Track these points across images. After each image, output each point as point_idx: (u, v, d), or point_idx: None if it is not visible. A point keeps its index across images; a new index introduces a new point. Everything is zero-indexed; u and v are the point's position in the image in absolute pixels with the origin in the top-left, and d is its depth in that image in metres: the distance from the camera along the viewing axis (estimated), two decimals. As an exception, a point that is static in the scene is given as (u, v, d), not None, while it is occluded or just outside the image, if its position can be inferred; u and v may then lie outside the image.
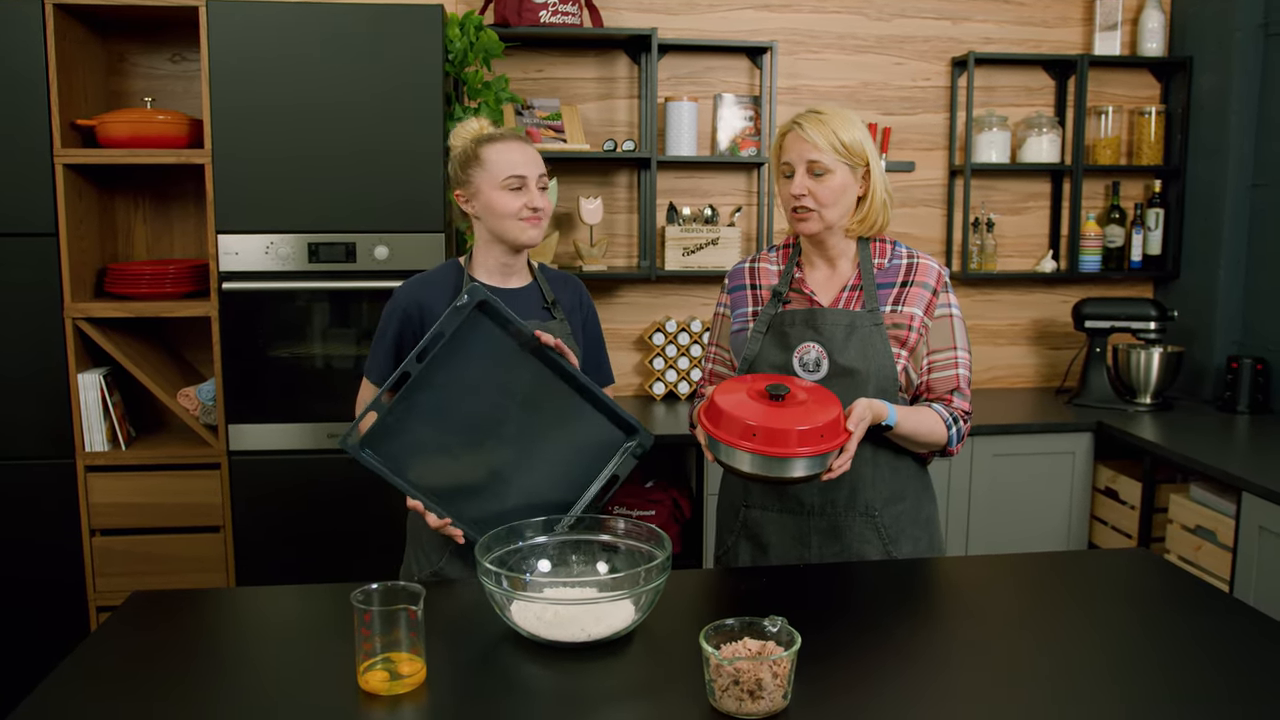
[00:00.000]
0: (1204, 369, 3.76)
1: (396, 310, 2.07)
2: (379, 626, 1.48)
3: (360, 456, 1.86)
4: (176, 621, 1.73)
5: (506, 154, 2.02)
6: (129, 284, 3.09)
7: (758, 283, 2.11)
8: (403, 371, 1.84)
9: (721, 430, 1.78)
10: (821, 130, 1.94)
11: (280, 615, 1.80)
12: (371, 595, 1.51)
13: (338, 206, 3.00)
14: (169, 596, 1.84)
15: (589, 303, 2.23)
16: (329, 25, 2.94)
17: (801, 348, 2.00)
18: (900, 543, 2.04)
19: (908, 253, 2.07)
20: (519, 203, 2.01)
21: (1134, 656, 1.58)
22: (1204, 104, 3.75)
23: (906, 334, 2.00)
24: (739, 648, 1.45)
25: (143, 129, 3.02)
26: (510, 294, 2.08)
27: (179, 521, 3.10)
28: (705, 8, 3.69)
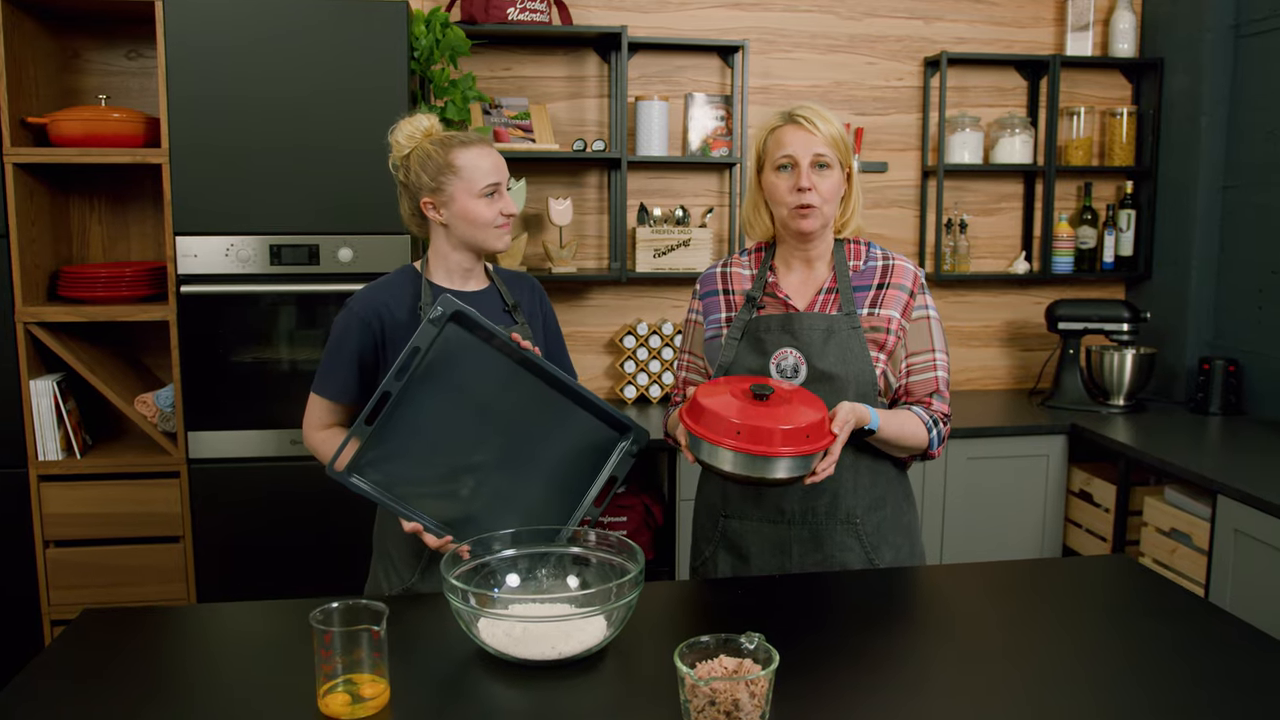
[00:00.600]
0: (1176, 370, 3.75)
1: (353, 321, 1.97)
2: (340, 647, 1.42)
3: (350, 484, 1.79)
4: (128, 640, 1.65)
5: (481, 161, 1.96)
6: (84, 287, 3.00)
7: (730, 288, 2.06)
8: (383, 391, 1.77)
9: (704, 428, 1.73)
10: (827, 124, 1.91)
11: (238, 633, 1.73)
12: (332, 614, 1.44)
13: (300, 208, 2.92)
14: (121, 614, 1.77)
15: (546, 301, 2.18)
16: (290, 21, 2.86)
17: (779, 353, 1.95)
18: (881, 550, 2.00)
19: (883, 254, 2.03)
20: (495, 210, 1.96)
21: (1113, 667, 1.54)
22: (1175, 105, 3.74)
23: (885, 337, 1.96)
24: (715, 666, 1.40)
25: (97, 127, 2.93)
26: (471, 297, 2.02)
27: (137, 532, 3.00)
28: (676, 6, 3.64)
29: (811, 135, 1.89)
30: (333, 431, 2.02)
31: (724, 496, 2.04)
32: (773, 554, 2.00)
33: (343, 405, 2.01)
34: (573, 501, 1.94)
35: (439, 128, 2.02)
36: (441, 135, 1.99)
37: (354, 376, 1.98)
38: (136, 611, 1.79)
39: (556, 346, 2.16)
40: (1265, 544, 2.55)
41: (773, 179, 1.94)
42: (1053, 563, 2.13)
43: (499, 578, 1.71)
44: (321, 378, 2.01)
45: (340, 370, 1.98)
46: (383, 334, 1.97)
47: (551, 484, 1.92)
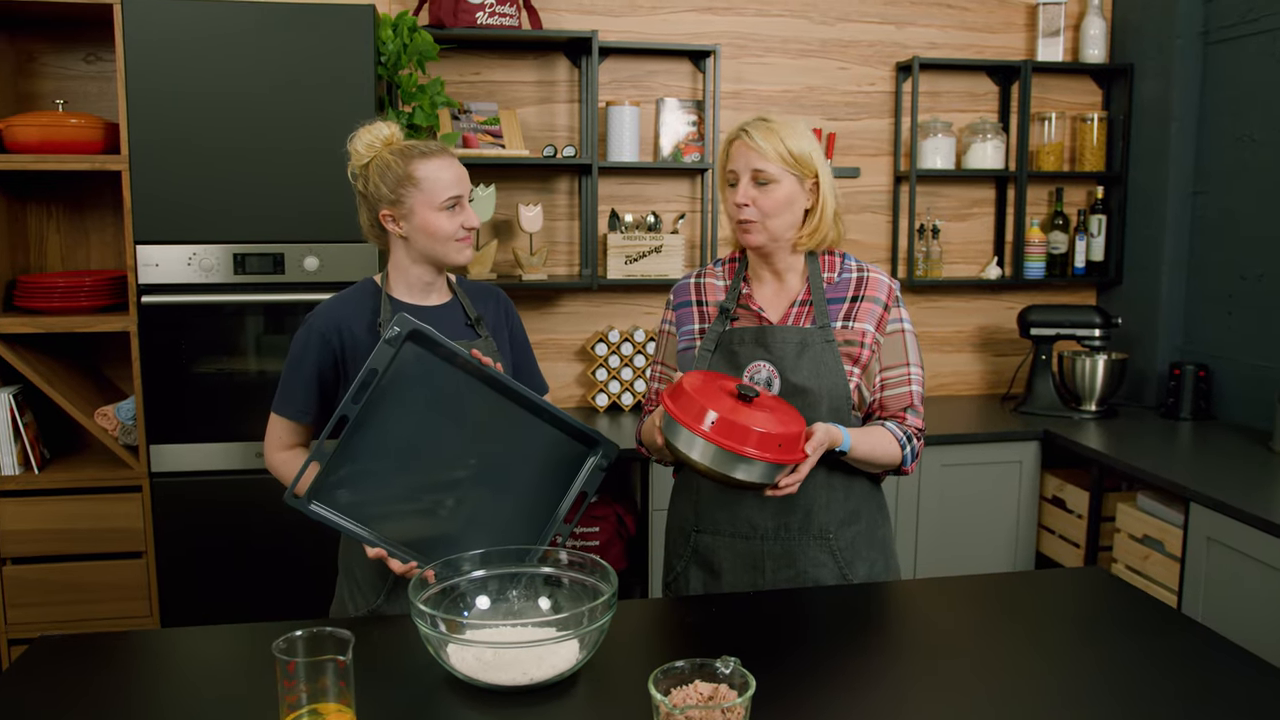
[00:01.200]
0: (1147, 375, 3.76)
1: (312, 338, 1.92)
2: (304, 676, 1.37)
3: (309, 511, 1.74)
4: (86, 668, 1.60)
5: (442, 172, 1.90)
6: (41, 297, 2.92)
7: (704, 299, 2.03)
8: (340, 414, 1.71)
9: (681, 410, 1.69)
10: (769, 138, 1.86)
11: (199, 660, 1.68)
12: (295, 643, 1.39)
13: (265, 216, 2.86)
14: (78, 640, 1.71)
15: (512, 311, 2.12)
16: (253, 25, 2.80)
17: (752, 366, 1.92)
18: (855, 565, 1.97)
19: (857, 266, 2.00)
20: (456, 223, 1.91)
21: (1088, 681, 1.52)
22: (1145, 111, 3.75)
23: (859, 350, 1.93)
24: (690, 691, 1.37)
25: (54, 133, 2.86)
26: (432, 313, 1.97)
27: (97, 548, 2.93)
28: (647, 10, 3.60)
29: (752, 151, 1.86)
30: (294, 453, 1.96)
31: (696, 512, 2.01)
32: (745, 570, 1.97)
33: (303, 425, 1.95)
34: (543, 517, 1.90)
35: (400, 136, 1.96)
36: (402, 145, 1.93)
37: (314, 395, 1.93)
38: (94, 637, 1.73)
39: (524, 359, 2.11)
40: (1238, 551, 2.55)
41: (724, 195, 1.94)
42: (1026, 576, 2.11)
43: (469, 600, 1.67)
44: (281, 397, 1.95)
45: (299, 389, 1.93)
46: (342, 351, 1.91)
47: (521, 500, 1.88)
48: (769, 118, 1.90)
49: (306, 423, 1.95)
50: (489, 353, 1.95)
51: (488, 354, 1.94)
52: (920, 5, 3.78)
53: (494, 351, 1.98)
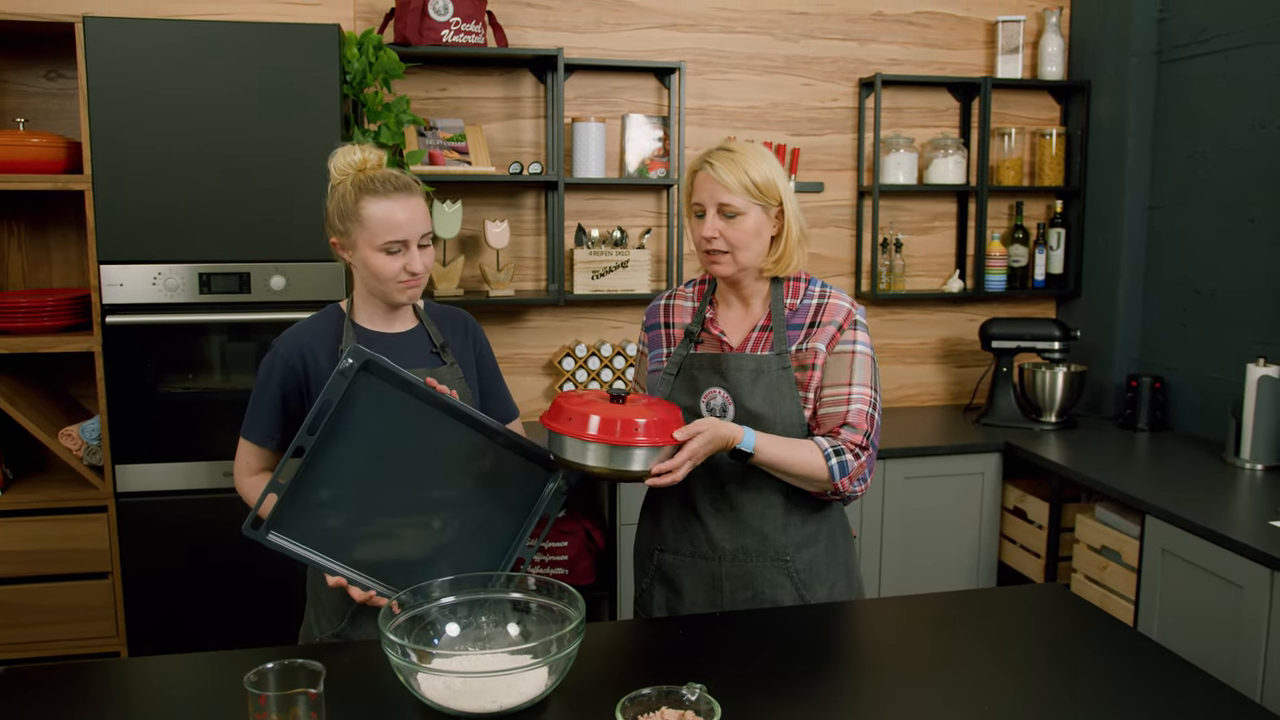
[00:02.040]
0: (1105, 386, 3.84)
1: (277, 363, 1.92)
2: (276, 708, 1.38)
3: (267, 541, 1.74)
4: (53, 701, 1.59)
5: (388, 214, 1.84)
6: (3, 317, 2.90)
7: (671, 321, 2.06)
8: (296, 445, 1.72)
9: (557, 422, 1.78)
10: (733, 170, 1.87)
11: (169, 691, 1.68)
12: (267, 676, 1.40)
13: (231, 235, 2.86)
14: (44, 673, 1.70)
15: (479, 335, 2.11)
16: (217, 44, 2.80)
17: (708, 393, 1.95)
18: (814, 587, 2.00)
19: (820, 291, 2.01)
20: (397, 265, 1.87)
21: (1049, 699, 1.56)
22: (1102, 127, 3.83)
23: (810, 374, 1.94)
24: (657, 719, 1.40)
25: (15, 153, 2.83)
26: (395, 340, 1.97)
27: (63, 569, 2.91)
28: (612, 27, 3.63)
29: (717, 184, 1.87)
30: (261, 477, 1.96)
31: (659, 531, 2.04)
32: (705, 590, 2.00)
33: (269, 450, 1.96)
34: (507, 541, 1.91)
35: (375, 163, 1.91)
36: (367, 176, 1.88)
37: (278, 420, 1.93)
38: (63, 668, 1.73)
39: (492, 384, 2.12)
40: (1191, 563, 2.61)
41: (690, 223, 1.96)
42: (987, 593, 2.15)
43: (438, 627, 1.69)
44: (247, 421, 1.95)
45: (264, 414, 1.93)
46: (305, 377, 1.91)
47: (484, 525, 1.89)
48: (731, 147, 1.91)
49: (272, 448, 1.95)
50: (453, 380, 1.95)
51: (451, 381, 1.95)
52: (882, 22, 3.84)
53: (459, 379, 1.99)
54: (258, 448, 1.95)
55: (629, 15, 3.64)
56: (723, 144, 1.94)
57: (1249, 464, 3.06)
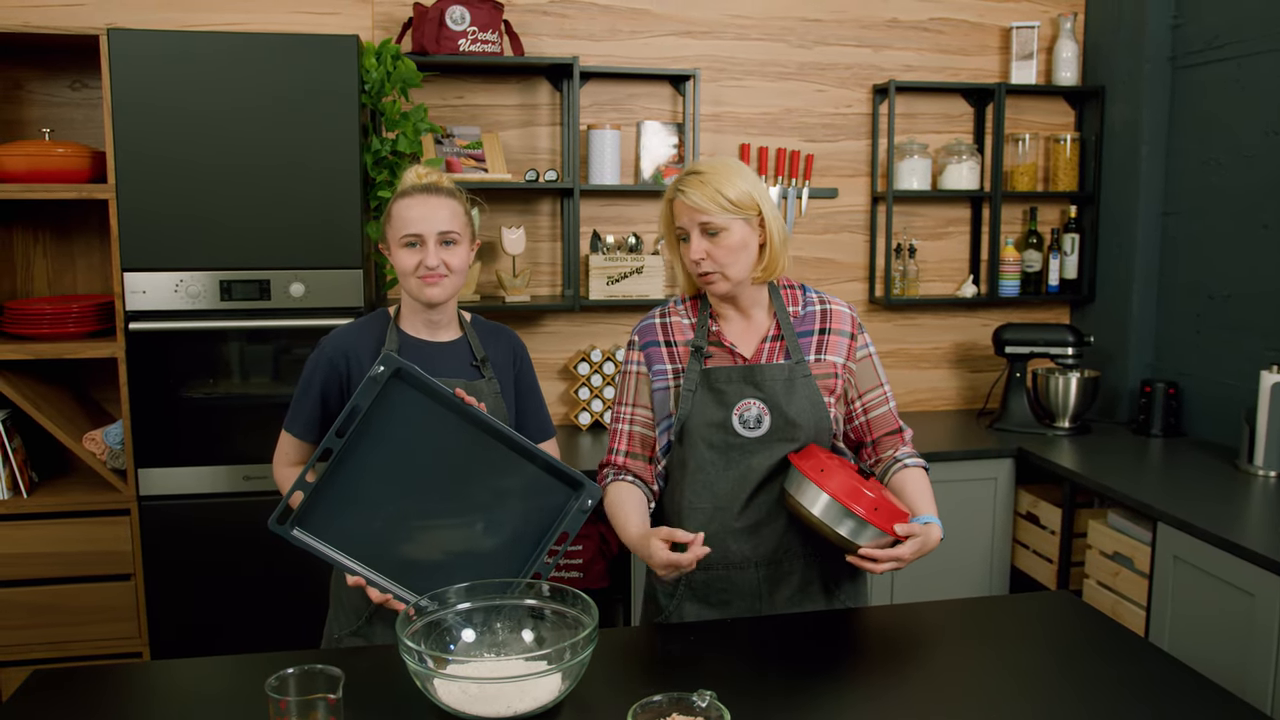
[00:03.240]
0: (1119, 392, 3.84)
1: (322, 361, 2.02)
2: (296, 713, 1.42)
3: (290, 537, 1.79)
4: (80, 703, 1.64)
5: (406, 210, 1.96)
6: (29, 324, 2.95)
7: (672, 338, 2.04)
8: (324, 447, 1.77)
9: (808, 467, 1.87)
10: (704, 191, 1.89)
11: (192, 693, 1.72)
12: (287, 681, 1.44)
13: (251, 243, 2.90)
14: (71, 675, 1.75)
15: (522, 355, 2.17)
16: (239, 55, 2.84)
17: (741, 405, 1.96)
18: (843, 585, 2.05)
19: (819, 298, 2.06)
20: (414, 260, 1.96)
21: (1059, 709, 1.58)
22: (1116, 133, 3.83)
23: (834, 382, 2.00)
24: (668, 726, 1.43)
25: (41, 162, 2.89)
26: (437, 349, 2.03)
27: (86, 571, 2.97)
28: (627, 35, 3.66)
29: (692, 207, 1.90)
30: (298, 469, 2.05)
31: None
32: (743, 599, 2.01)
33: (309, 444, 2.04)
34: (525, 555, 1.93)
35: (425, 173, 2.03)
36: (404, 185, 2.01)
37: (318, 415, 2.02)
38: (88, 671, 1.77)
39: (530, 402, 2.16)
40: (1203, 571, 2.62)
41: (674, 251, 2.00)
42: (997, 601, 2.17)
43: (455, 633, 1.72)
44: (291, 414, 2.05)
45: (306, 409, 2.02)
46: (348, 377, 2.00)
47: (503, 538, 1.92)
48: (700, 169, 1.93)
49: (311, 441, 2.05)
50: (489, 395, 2.00)
51: (487, 396, 2.00)
52: (897, 29, 3.85)
53: (495, 394, 2.03)
54: (298, 440, 2.05)
55: (644, 23, 3.67)
56: (691, 167, 1.96)
57: (1262, 471, 3.06)
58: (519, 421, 2.12)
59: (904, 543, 1.83)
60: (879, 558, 1.82)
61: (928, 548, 1.87)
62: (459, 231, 1.98)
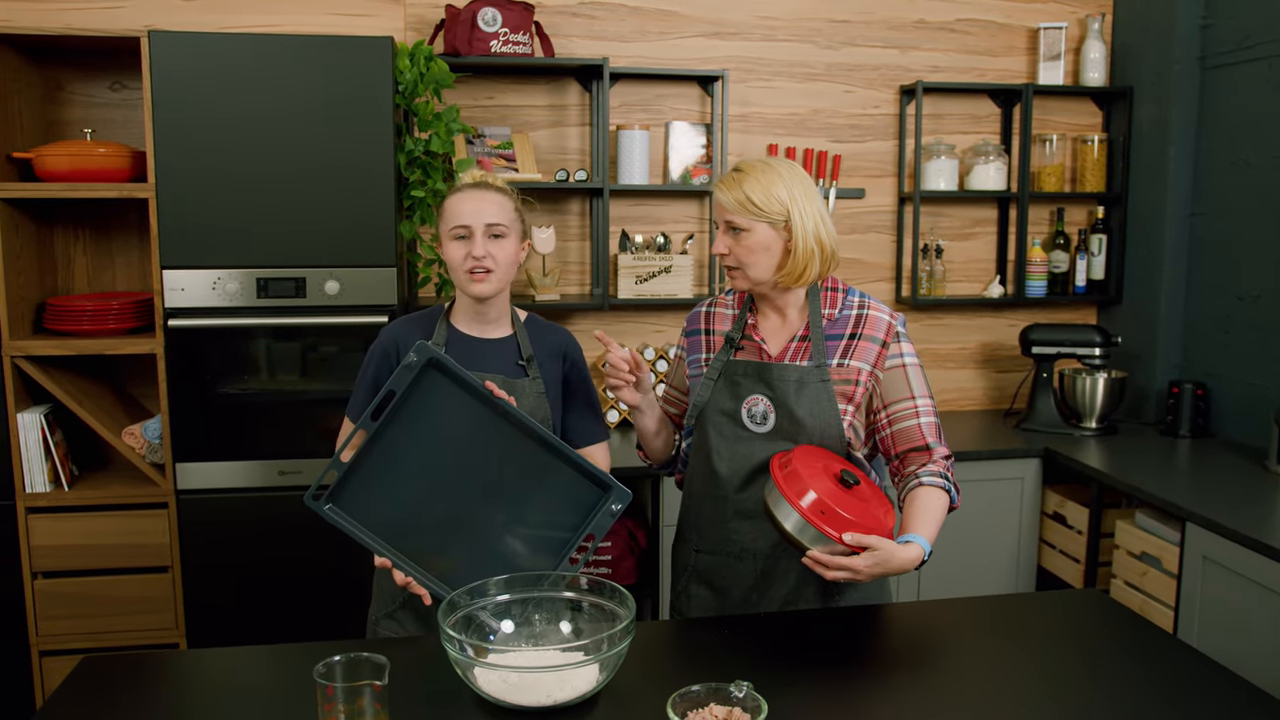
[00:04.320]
0: (1146, 392, 3.84)
1: (377, 350, 2.09)
2: (343, 698, 1.46)
3: (323, 512, 1.85)
4: (129, 689, 1.68)
5: (456, 204, 2.03)
6: (70, 320, 3.01)
7: (712, 328, 2.13)
8: (358, 428, 1.84)
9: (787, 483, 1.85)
10: (731, 191, 1.96)
11: (238, 679, 1.76)
12: (334, 668, 1.48)
13: (287, 241, 2.95)
14: (119, 661, 1.79)
15: (575, 356, 2.18)
16: (275, 56, 2.89)
17: (750, 399, 2.01)
18: (844, 587, 2.04)
19: (859, 302, 2.05)
20: (461, 253, 2.01)
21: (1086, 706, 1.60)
22: (1144, 133, 3.83)
23: (852, 389, 1.99)
24: (705, 715, 1.46)
25: (83, 162, 2.95)
26: (483, 345, 2.08)
27: (125, 562, 3.02)
28: (656, 36, 3.69)
29: (719, 204, 1.99)
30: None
31: (698, 533, 2.09)
32: (741, 589, 2.05)
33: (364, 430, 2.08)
34: (551, 552, 1.96)
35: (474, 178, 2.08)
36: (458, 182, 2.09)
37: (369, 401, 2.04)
38: (135, 659, 1.82)
39: (576, 404, 2.18)
40: (1232, 571, 2.63)
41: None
42: (1027, 598, 2.19)
43: (494, 624, 1.76)
44: (351, 400, 2.12)
45: (362, 396, 2.08)
46: (397, 363, 2.04)
47: (529, 533, 1.95)
48: (741, 168, 1.98)
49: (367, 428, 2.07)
50: (531, 394, 2.04)
51: (529, 394, 2.03)
52: (924, 30, 3.87)
53: (538, 394, 2.07)
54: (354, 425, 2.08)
55: (673, 24, 3.70)
56: (738, 164, 2.01)
57: (1291, 472, 3.06)
58: (566, 423, 2.15)
59: (860, 555, 1.80)
60: (828, 563, 1.79)
61: (890, 565, 1.81)
62: (506, 225, 2.02)
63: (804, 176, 1.99)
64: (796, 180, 1.97)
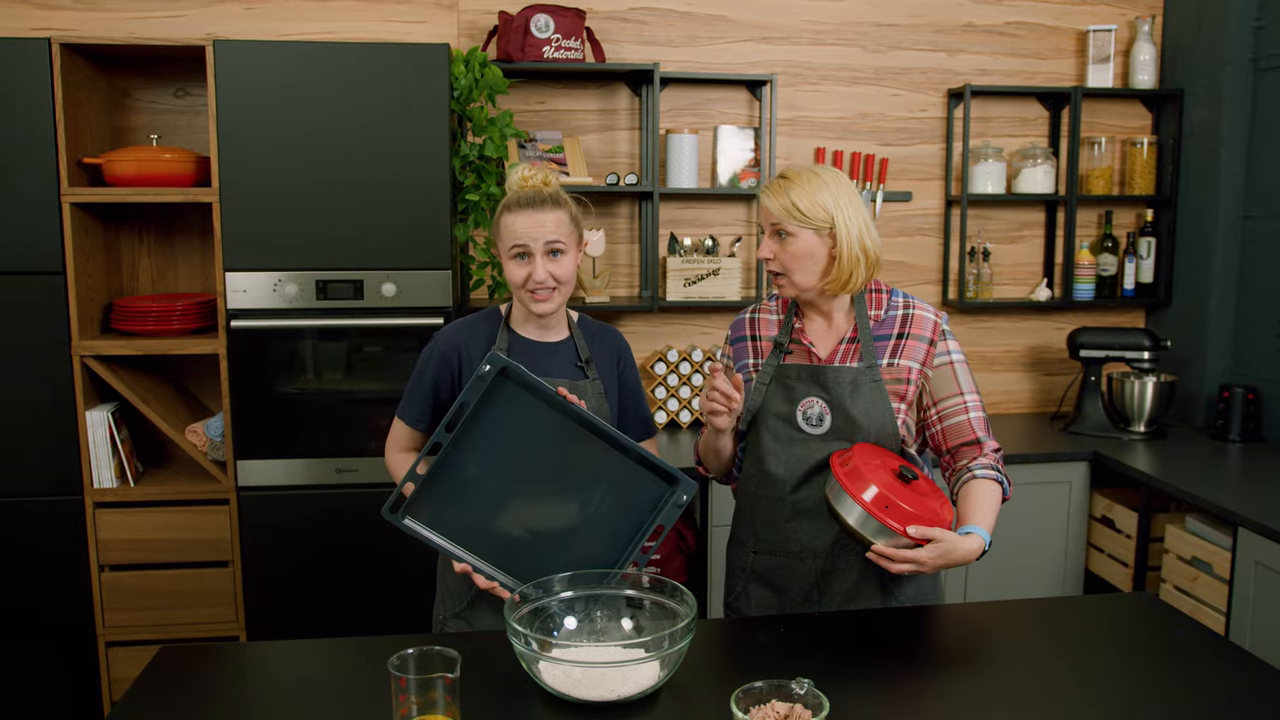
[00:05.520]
0: (1196, 396, 3.82)
1: (435, 354, 2.11)
2: (415, 690, 1.51)
3: (402, 525, 1.91)
4: (208, 677, 1.75)
5: (513, 223, 2.02)
6: (136, 321, 3.10)
7: (758, 334, 2.15)
8: (433, 441, 1.88)
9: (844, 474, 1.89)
10: (778, 197, 1.99)
11: (304, 671, 1.82)
12: (407, 661, 1.53)
13: (345, 244, 3.02)
14: (196, 651, 1.86)
15: (626, 355, 2.24)
16: (335, 64, 2.96)
17: (805, 402, 2.04)
18: (902, 584, 2.08)
19: (904, 302, 2.10)
20: (523, 273, 2.03)
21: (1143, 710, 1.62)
22: (1195, 135, 3.81)
23: (905, 388, 2.04)
24: (768, 711, 1.49)
25: (149, 167, 3.03)
26: (545, 349, 2.12)
27: (188, 557, 3.11)
28: (705, 40, 3.73)
29: (766, 209, 2.02)
30: (409, 455, 2.15)
31: (755, 534, 2.12)
32: (800, 588, 2.08)
33: (419, 432, 2.15)
34: (620, 547, 2.01)
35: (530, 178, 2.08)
36: (513, 193, 2.07)
37: (429, 406, 2.11)
38: (208, 649, 1.89)
39: (632, 402, 2.24)
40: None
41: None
42: (1079, 600, 2.20)
43: (558, 620, 1.80)
44: (404, 402, 2.15)
45: (418, 398, 2.12)
46: (459, 371, 2.09)
47: (600, 530, 2.00)
48: (788, 174, 2.02)
49: (421, 430, 2.14)
50: (592, 394, 2.09)
51: (591, 395, 2.08)
52: (972, 33, 3.87)
53: (599, 394, 2.12)
54: (409, 428, 2.15)
55: (721, 29, 3.73)
56: (784, 170, 2.04)
57: (1345, 477, 3.04)
58: (621, 420, 2.21)
59: (924, 546, 1.84)
60: (894, 557, 1.84)
61: (953, 557, 1.86)
62: (565, 240, 2.04)
63: (849, 184, 2.02)
64: (842, 188, 2.00)
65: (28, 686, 3.08)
